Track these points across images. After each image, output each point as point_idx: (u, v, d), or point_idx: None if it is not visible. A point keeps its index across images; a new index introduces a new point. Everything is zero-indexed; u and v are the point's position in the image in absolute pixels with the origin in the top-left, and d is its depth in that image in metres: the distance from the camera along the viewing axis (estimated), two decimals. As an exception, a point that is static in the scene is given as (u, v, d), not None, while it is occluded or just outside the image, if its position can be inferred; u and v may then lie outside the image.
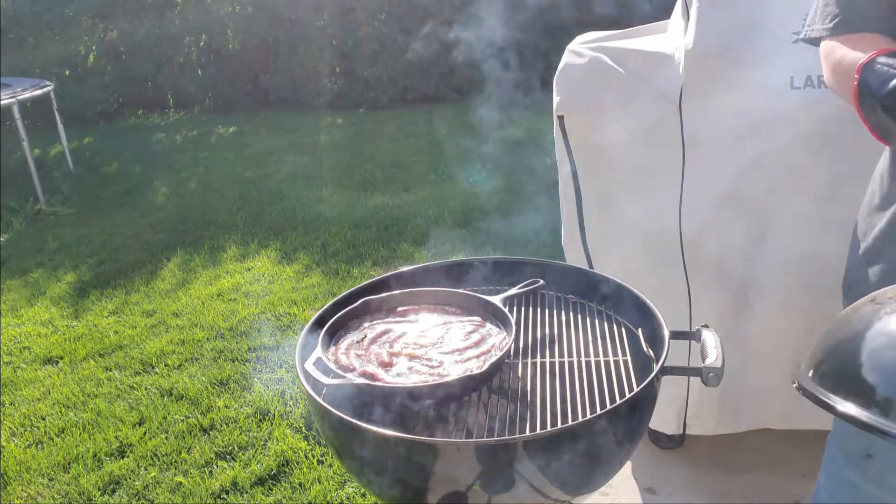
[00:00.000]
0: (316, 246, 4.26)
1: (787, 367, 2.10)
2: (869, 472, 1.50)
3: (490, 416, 1.29)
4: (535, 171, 3.53)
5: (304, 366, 1.33)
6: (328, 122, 7.43)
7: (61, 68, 7.98)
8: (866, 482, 1.52)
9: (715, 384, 1.25)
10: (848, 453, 1.54)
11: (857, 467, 1.52)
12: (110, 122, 8.05)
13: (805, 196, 1.87)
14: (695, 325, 1.59)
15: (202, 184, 5.74)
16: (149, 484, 2.41)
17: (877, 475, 1.50)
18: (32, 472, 2.51)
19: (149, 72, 8.07)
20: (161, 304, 3.72)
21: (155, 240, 4.62)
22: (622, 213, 2.11)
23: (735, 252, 1.98)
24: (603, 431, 1.20)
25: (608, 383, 1.32)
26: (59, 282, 4.12)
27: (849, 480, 1.55)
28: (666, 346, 1.32)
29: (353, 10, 7.71)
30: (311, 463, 2.43)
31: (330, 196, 5.17)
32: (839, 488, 1.59)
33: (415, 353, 1.37)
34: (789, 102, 1.81)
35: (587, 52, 2.11)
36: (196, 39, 8.25)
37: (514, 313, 1.54)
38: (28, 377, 3.14)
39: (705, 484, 2.22)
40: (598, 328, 1.51)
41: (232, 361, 3.11)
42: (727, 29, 1.88)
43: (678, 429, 2.26)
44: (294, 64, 7.83)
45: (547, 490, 1.18)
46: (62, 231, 4.98)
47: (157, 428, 2.70)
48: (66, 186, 5.79)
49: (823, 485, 1.65)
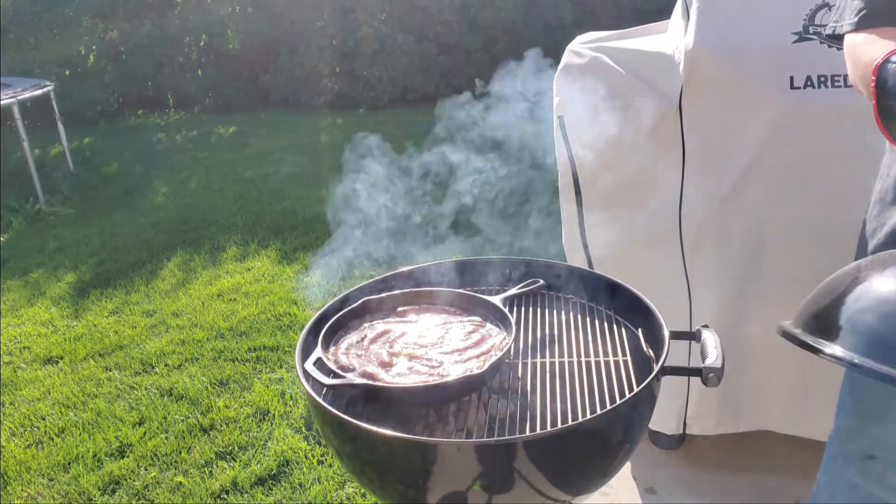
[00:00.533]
0: (316, 246, 4.26)
1: (787, 367, 2.11)
2: (870, 472, 1.51)
3: (490, 416, 1.29)
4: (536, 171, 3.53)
5: (304, 366, 1.33)
6: (328, 122, 7.43)
7: (61, 68, 7.98)
8: (867, 482, 1.52)
9: (715, 384, 1.25)
10: (849, 454, 1.54)
11: (858, 468, 1.52)
12: (110, 122, 8.05)
13: (805, 196, 1.87)
14: (695, 325, 1.59)
15: (202, 184, 5.74)
16: (149, 484, 2.41)
17: (878, 476, 1.50)
18: (32, 472, 2.51)
19: (149, 72, 8.07)
20: (161, 304, 3.72)
21: (155, 240, 4.62)
22: (622, 213, 2.11)
23: (735, 252, 1.98)
24: (603, 431, 1.20)
25: (608, 383, 1.32)
26: (59, 282, 4.12)
27: (849, 480, 1.55)
28: (666, 347, 1.32)
29: (354, 10, 7.71)
30: (311, 463, 2.43)
31: (330, 196, 5.17)
32: (839, 488, 1.59)
33: (415, 353, 1.37)
34: (789, 102, 1.81)
35: (587, 52, 2.11)
36: (196, 39, 8.25)
37: (514, 313, 1.54)
38: (28, 377, 3.14)
39: (705, 484, 2.22)
40: (598, 328, 1.51)
41: (232, 361, 3.12)
42: (727, 29, 1.88)
43: (678, 429, 2.26)
44: (294, 64, 7.83)
45: (547, 490, 1.18)
46: (62, 231, 4.98)
47: (157, 428, 2.70)
48: (66, 186, 5.79)
49: (823, 485, 1.65)
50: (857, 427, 1.50)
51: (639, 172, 2.05)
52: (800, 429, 2.14)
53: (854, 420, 1.50)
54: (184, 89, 8.17)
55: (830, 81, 1.79)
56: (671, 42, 2.03)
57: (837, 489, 1.60)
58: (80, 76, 8.06)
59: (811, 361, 2.00)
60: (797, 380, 2.06)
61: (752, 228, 1.94)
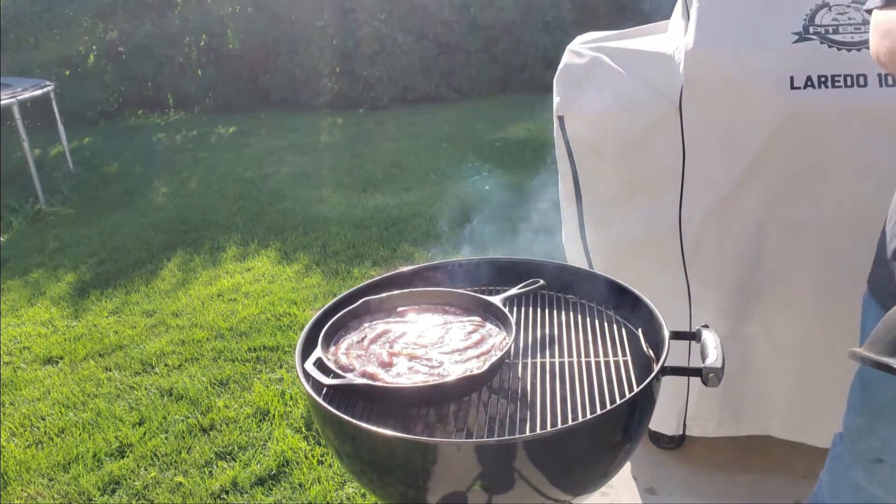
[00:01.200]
0: (316, 246, 4.26)
1: (787, 369, 2.11)
2: (877, 475, 1.50)
3: (490, 416, 1.29)
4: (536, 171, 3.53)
5: (304, 366, 1.33)
6: (328, 122, 7.43)
7: (61, 68, 7.98)
8: (872, 484, 1.51)
9: (715, 384, 1.25)
10: (857, 453, 1.53)
11: (866, 469, 1.51)
12: (110, 122, 8.05)
13: (805, 196, 1.87)
14: (695, 326, 1.59)
15: (202, 184, 5.74)
16: (149, 484, 2.41)
17: (885, 479, 1.49)
18: (32, 472, 2.51)
19: (149, 72, 8.07)
20: (161, 304, 3.72)
21: (155, 240, 4.62)
22: (622, 213, 2.11)
23: (735, 252, 1.98)
24: (603, 432, 1.20)
25: (608, 383, 1.32)
26: (59, 282, 4.12)
27: (853, 481, 1.54)
28: (666, 347, 1.32)
29: (353, 10, 7.71)
30: (311, 463, 2.43)
31: (330, 196, 5.17)
32: (843, 488, 1.58)
33: (415, 354, 1.37)
34: (789, 103, 1.81)
35: (587, 52, 2.11)
36: (196, 39, 8.26)
37: (514, 313, 1.54)
38: (28, 377, 3.14)
39: (705, 484, 2.22)
40: (598, 328, 1.51)
41: (232, 361, 3.11)
42: (727, 29, 1.88)
43: (678, 429, 2.26)
44: (294, 64, 7.83)
45: (547, 490, 1.18)
46: (62, 231, 4.98)
47: (156, 428, 2.70)
48: (66, 186, 5.79)
49: (827, 484, 1.64)
50: (868, 428, 1.48)
51: (639, 172, 2.05)
52: (802, 435, 2.14)
53: (865, 420, 1.49)
54: (184, 89, 8.17)
55: (831, 82, 1.79)
56: (671, 42, 2.03)
57: (841, 489, 1.59)
58: (80, 76, 8.06)
59: (811, 361, 2.01)
60: (798, 379, 2.05)
61: (752, 228, 1.94)
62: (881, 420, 1.46)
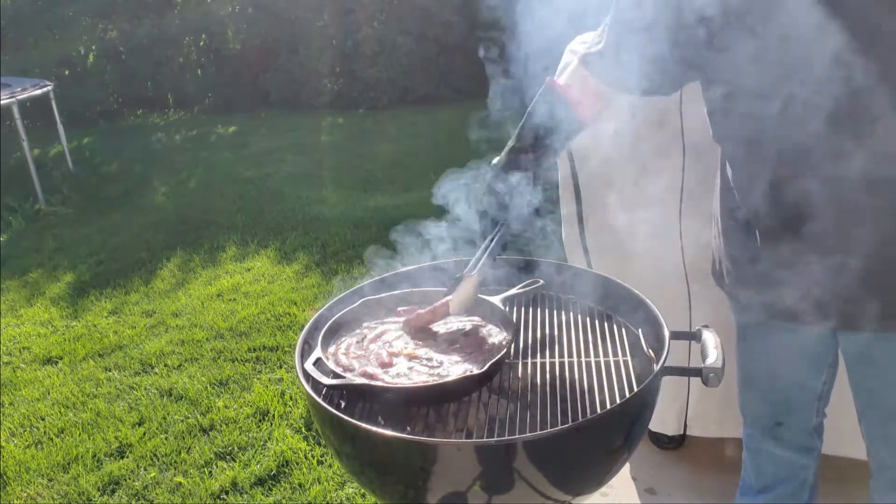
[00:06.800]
0: (316, 246, 4.26)
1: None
2: (782, 438, 1.62)
3: (490, 416, 1.28)
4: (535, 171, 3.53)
5: (304, 366, 1.33)
6: (328, 123, 7.43)
7: (61, 68, 7.98)
8: (781, 448, 1.64)
9: (715, 384, 1.25)
10: (758, 423, 1.66)
11: (771, 436, 1.63)
12: (110, 122, 8.05)
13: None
14: (695, 326, 1.59)
15: (202, 184, 5.74)
16: (148, 484, 2.41)
17: (790, 439, 1.62)
18: (32, 472, 2.51)
19: (149, 72, 8.07)
20: (161, 304, 3.72)
21: (155, 240, 4.62)
22: (622, 213, 2.11)
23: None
24: (603, 432, 1.20)
25: (608, 383, 1.32)
26: (59, 282, 4.12)
27: (767, 451, 1.66)
28: (666, 347, 1.31)
29: (353, 10, 7.71)
30: (310, 463, 2.43)
31: (330, 196, 5.17)
32: (763, 462, 1.68)
33: (414, 354, 1.37)
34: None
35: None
36: (196, 39, 8.26)
37: (514, 313, 1.54)
38: (28, 377, 3.14)
39: (705, 484, 2.22)
40: (598, 328, 1.51)
41: (231, 361, 3.11)
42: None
43: (678, 430, 2.26)
44: (294, 64, 7.83)
45: (547, 490, 1.18)
46: (61, 231, 4.98)
47: (156, 428, 2.69)
48: (66, 186, 5.78)
49: (748, 463, 1.75)
50: (760, 397, 1.63)
51: (639, 172, 2.05)
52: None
53: (752, 390, 1.64)
54: (184, 89, 8.17)
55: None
56: (671, 42, 2.03)
57: (762, 463, 1.69)
58: (79, 76, 8.06)
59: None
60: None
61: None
62: (764, 383, 1.59)
